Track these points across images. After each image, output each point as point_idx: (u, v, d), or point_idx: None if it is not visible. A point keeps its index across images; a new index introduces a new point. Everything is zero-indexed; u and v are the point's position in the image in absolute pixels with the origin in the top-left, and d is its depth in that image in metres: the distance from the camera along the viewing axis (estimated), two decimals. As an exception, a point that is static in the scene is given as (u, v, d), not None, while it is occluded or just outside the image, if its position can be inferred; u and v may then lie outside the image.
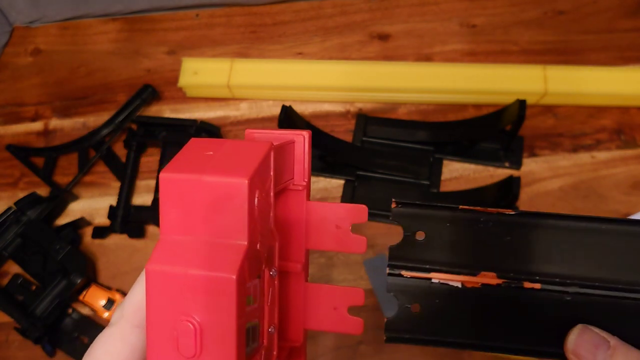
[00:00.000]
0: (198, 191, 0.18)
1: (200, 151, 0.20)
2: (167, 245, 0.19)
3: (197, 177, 0.18)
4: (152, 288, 0.18)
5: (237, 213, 0.18)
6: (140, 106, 0.60)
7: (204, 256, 0.18)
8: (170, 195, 0.19)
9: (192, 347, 0.18)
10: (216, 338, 0.18)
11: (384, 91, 0.58)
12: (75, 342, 0.51)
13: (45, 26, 0.68)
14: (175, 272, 0.18)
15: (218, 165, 0.19)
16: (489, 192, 0.51)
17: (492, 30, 0.62)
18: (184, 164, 0.19)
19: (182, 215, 0.18)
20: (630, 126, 0.56)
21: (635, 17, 0.61)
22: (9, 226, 0.54)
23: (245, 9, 0.66)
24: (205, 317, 0.18)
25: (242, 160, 0.19)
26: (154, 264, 0.18)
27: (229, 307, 0.17)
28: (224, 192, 0.18)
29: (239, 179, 0.18)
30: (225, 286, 0.17)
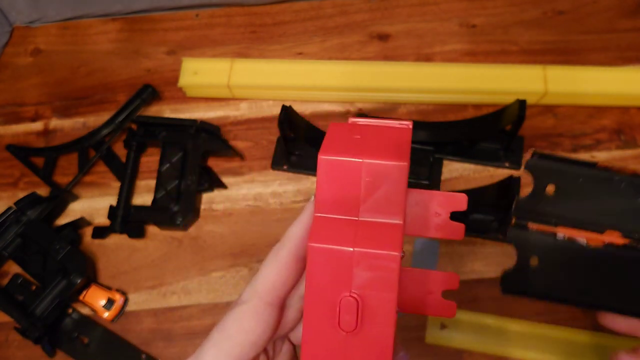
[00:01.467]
0: (357, 172, 0.19)
1: (347, 135, 0.20)
2: (326, 223, 0.19)
3: (357, 159, 0.19)
4: (314, 264, 0.19)
5: (395, 194, 0.19)
6: (140, 106, 0.60)
7: (365, 234, 0.19)
8: (328, 175, 0.19)
9: (353, 322, 0.18)
10: (376, 312, 0.18)
11: (384, 91, 0.58)
12: (75, 342, 0.51)
13: (45, 26, 0.68)
14: (339, 249, 0.18)
15: (372, 148, 0.19)
16: (489, 192, 0.51)
17: (492, 30, 0.62)
18: (338, 146, 0.20)
19: (339, 195, 0.19)
20: (630, 126, 0.56)
21: (635, 17, 0.61)
22: (9, 226, 0.54)
23: (245, 9, 0.66)
24: (368, 292, 0.18)
25: (393, 144, 0.20)
26: (316, 241, 0.19)
27: (391, 283, 0.18)
28: (384, 174, 0.19)
29: (399, 162, 0.19)
30: (389, 262, 0.18)
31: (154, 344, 0.51)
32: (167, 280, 0.54)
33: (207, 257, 0.54)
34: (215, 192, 0.57)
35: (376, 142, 0.20)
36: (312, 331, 0.19)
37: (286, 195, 0.56)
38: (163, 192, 0.56)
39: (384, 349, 0.18)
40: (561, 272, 0.25)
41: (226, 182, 0.57)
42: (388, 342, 0.19)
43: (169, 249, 0.55)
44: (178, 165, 0.56)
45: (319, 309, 0.19)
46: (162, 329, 0.52)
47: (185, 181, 0.55)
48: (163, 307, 0.53)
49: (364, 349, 0.19)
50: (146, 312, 0.53)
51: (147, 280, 0.54)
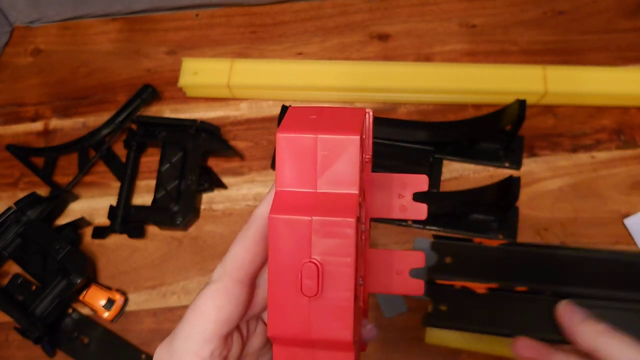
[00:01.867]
0: (312, 148, 0.20)
1: (304, 116, 0.22)
2: (286, 196, 0.21)
3: (312, 135, 0.20)
4: (275, 234, 0.20)
5: (350, 166, 0.20)
6: (140, 106, 0.60)
7: (323, 204, 0.20)
8: (287, 152, 0.21)
9: (315, 287, 0.20)
10: (336, 277, 0.20)
11: (384, 91, 0.58)
12: (75, 342, 0.51)
13: (45, 26, 0.68)
14: (299, 219, 0.20)
15: (327, 125, 0.21)
16: (488, 192, 0.51)
17: (492, 30, 0.62)
18: (295, 125, 0.21)
19: (297, 170, 0.21)
20: (630, 126, 0.56)
21: (634, 17, 0.61)
22: (9, 226, 0.54)
23: (245, 9, 0.66)
24: (327, 258, 0.20)
25: (347, 122, 0.21)
26: (276, 212, 0.20)
27: (348, 248, 0.20)
28: (338, 148, 0.20)
29: (352, 136, 0.20)
30: (346, 229, 0.19)
31: (154, 344, 0.51)
32: (167, 280, 0.54)
33: (207, 257, 0.54)
34: (215, 192, 0.57)
35: (331, 120, 0.22)
36: (276, 297, 0.20)
37: (286, 195, 0.56)
38: (163, 192, 0.56)
39: (345, 311, 0.20)
40: (461, 311, 0.37)
41: (226, 182, 0.57)
42: (349, 305, 0.20)
43: (169, 249, 0.55)
44: (178, 165, 0.56)
45: (282, 276, 0.20)
46: (162, 329, 0.52)
47: (185, 181, 0.55)
48: (163, 307, 0.53)
49: (325, 312, 0.20)
50: (146, 312, 0.53)
51: (147, 280, 0.54)
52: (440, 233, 0.52)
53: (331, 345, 0.21)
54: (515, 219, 0.52)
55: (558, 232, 0.51)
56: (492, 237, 0.51)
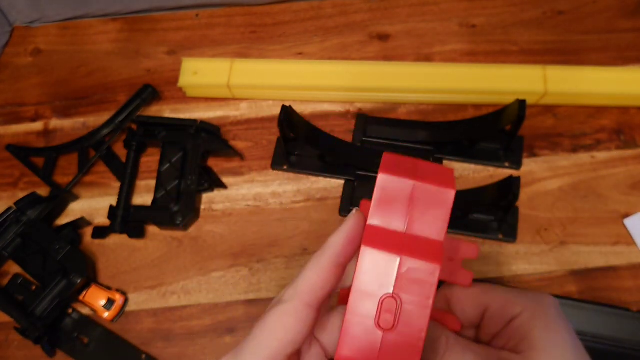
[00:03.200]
0: (408, 192, 0.22)
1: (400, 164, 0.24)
2: (377, 231, 0.22)
3: (412, 181, 0.22)
4: (364, 265, 0.22)
5: (442, 215, 0.22)
6: (140, 106, 0.60)
7: (411, 246, 0.22)
8: (385, 191, 0.23)
9: (391, 321, 0.21)
10: (413, 316, 0.21)
11: (384, 91, 0.58)
12: (75, 342, 0.51)
13: (45, 26, 0.68)
14: (389, 255, 0.21)
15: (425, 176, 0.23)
16: (488, 192, 0.51)
17: (492, 30, 0.62)
18: (394, 169, 0.23)
19: (391, 210, 0.22)
20: (630, 126, 0.56)
21: (634, 17, 0.61)
22: (9, 226, 0.54)
23: (245, 9, 0.66)
24: (408, 297, 0.21)
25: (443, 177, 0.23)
26: (369, 244, 0.22)
27: (429, 291, 0.21)
28: (434, 198, 0.22)
29: (449, 190, 0.22)
30: (430, 273, 0.21)
31: (154, 344, 0.51)
32: (167, 280, 0.54)
33: (207, 257, 0.54)
34: (215, 192, 0.57)
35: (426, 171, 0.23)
36: (352, 323, 0.22)
37: (286, 195, 0.56)
38: (163, 192, 0.56)
39: (414, 350, 0.21)
40: None
41: (226, 182, 0.57)
42: (419, 344, 0.21)
43: (169, 249, 0.55)
44: (178, 165, 0.56)
45: (362, 304, 0.21)
46: (162, 329, 0.52)
47: (185, 181, 0.55)
48: (163, 307, 0.53)
49: (396, 347, 0.21)
50: (146, 312, 0.53)
51: (147, 280, 0.54)
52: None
53: None
54: (515, 219, 0.52)
55: (558, 232, 0.51)
56: (493, 237, 0.51)
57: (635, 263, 0.50)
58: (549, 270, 0.50)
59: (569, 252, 0.51)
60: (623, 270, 0.49)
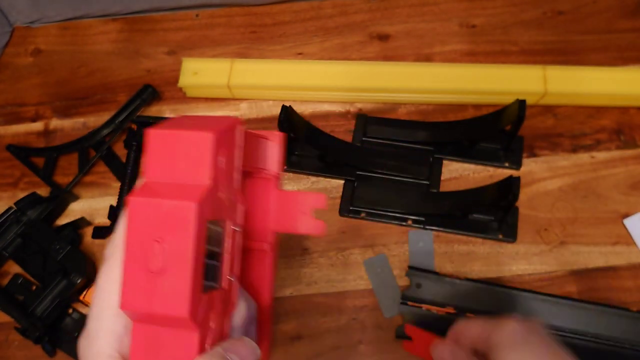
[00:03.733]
0: (174, 144, 0.23)
1: (183, 120, 0.25)
2: (147, 185, 0.23)
3: (174, 132, 0.23)
4: (131, 215, 0.22)
5: (203, 160, 0.23)
6: (141, 106, 0.60)
7: (174, 191, 0.22)
8: (153, 146, 0.24)
9: (158, 264, 0.21)
10: (176, 257, 0.21)
11: (384, 91, 0.58)
12: (75, 342, 0.51)
13: (45, 26, 0.68)
14: (150, 202, 0.22)
15: (193, 126, 0.24)
16: (488, 192, 0.51)
17: (492, 30, 0.62)
18: (167, 125, 0.24)
19: (160, 163, 0.23)
20: (630, 126, 0.56)
21: (634, 17, 0.61)
22: (9, 226, 0.54)
23: (245, 9, 0.66)
24: (170, 238, 0.22)
25: (212, 125, 0.24)
26: (135, 196, 0.22)
27: (189, 230, 0.21)
28: (194, 145, 0.23)
29: (205, 133, 0.23)
30: (188, 212, 0.21)
31: (154, 343, 0.51)
32: (167, 280, 0.54)
33: (207, 257, 0.54)
34: (215, 192, 0.57)
35: (201, 123, 0.24)
36: (128, 273, 0.22)
37: (286, 195, 0.56)
38: (163, 192, 0.56)
39: (183, 289, 0.21)
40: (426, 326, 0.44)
41: (226, 182, 0.57)
42: (187, 282, 0.21)
43: (169, 249, 0.55)
44: (178, 165, 0.56)
45: (134, 253, 0.22)
46: (162, 328, 0.52)
47: (185, 181, 0.55)
48: (163, 307, 0.52)
49: (167, 288, 0.22)
50: (146, 312, 0.52)
51: (147, 280, 0.54)
52: (441, 233, 0.52)
53: (174, 322, 0.22)
54: (515, 219, 0.52)
55: (558, 232, 0.51)
56: (492, 237, 0.51)
57: (635, 263, 0.50)
58: (548, 270, 0.50)
59: (568, 252, 0.51)
60: (623, 270, 0.49)
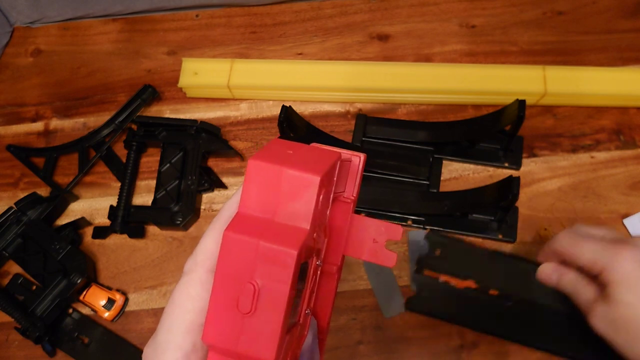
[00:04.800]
0: (278, 179, 0.22)
1: (282, 149, 0.24)
2: (244, 218, 0.22)
3: (279, 167, 0.22)
4: (225, 251, 0.22)
5: (306, 203, 0.22)
6: (141, 106, 0.60)
7: (273, 232, 0.22)
8: (254, 178, 0.22)
9: (249, 305, 0.21)
10: (270, 301, 0.21)
11: (384, 91, 0.58)
12: (76, 342, 0.51)
13: (45, 27, 0.68)
14: (248, 241, 0.21)
15: (297, 162, 0.23)
16: (488, 193, 0.51)
17: (492, 30, 0.62)
18: (269, 155, 0.23)
19: (260, 197, 0.22)
20: (630, 127, 0.56)
21: (634, 17, 0.61)
22: (9, 226, 0.54)
23: (245, 9, 0.66)
24: (265, 282, 0.21)
25: (316, 162, 0.23)
26: (231, 231, 0.21)
27: (286, 277, 0.21)
28: (299, 184, 0.22)
29: (313, 176, 0.22)
30: (287, 259, 0.21)
31: (154, 343, 0.51)
32: (167, 280, 0.54)
33: (207, 257, 0.54)
34: (215, 192, 0.57)
35: (303, 158, 0.23)
36: (216, 307, 0.22)
37: (286, 195, 0.56)
38: (163, 192, 0.56)
39: (272, 334, 0.21)
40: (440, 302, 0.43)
41: (226, 182, 0.57)
42: (276, 328, 0.21)
43: (169, 249, 0.55)
44: (178, 165, 0.56)
45: (224, 289, 0.22)
46: (162, 328, 0.52)
47: (185, 181, 0.55)
48: (163, 307, 0.52)
49: (255, 331, 0.21)
50: (146, 312, 0.53)
51: (147, 280, 0.54)
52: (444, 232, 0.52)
53: None
54: (515, 219, 0.52)
55: (558, 232, 0.51)
56: (492, 237, 0.51)
57: (635, 263, 0.50)
58: (548, 270, 0.50)
59: (568, 252, 0.51)
60: (622, 270, 0.49)
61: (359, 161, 0.27)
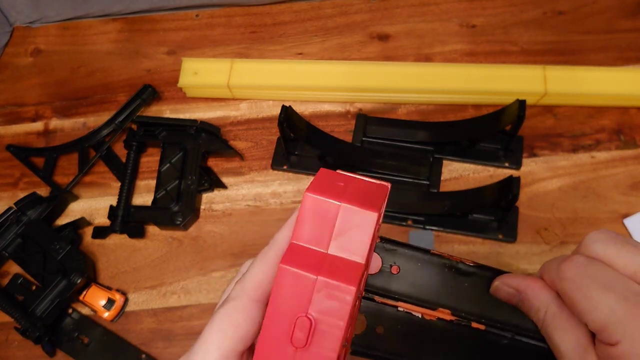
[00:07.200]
0: (334, 213, 0.22)
1: (332, 180, 0.24)
2: (299, 250, 0.22)
3: (337, 202, 0.22)
4: (280, 282, 0.21)
5: (363, 237, 0.22)
6: (140, 106, 0.60)
7: (330, 266, 0.22)
8: (310, 211, 0.23)
9: (304, 340, 0.21)
10: (325, 336, 0.21)
11: (384, 91, 0.58)
12: (75, 342, 0.51)
13: (45, 26, 0.68)
14: (305, 275, 0.21)
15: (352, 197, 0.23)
16: (488, 193, 0.51)
17: (492, 30, 0.62)
18: (323, 188, 0.23)
19: (315, 230, 0.23)
20: (630, 126, 0.56)
21: (634, 17, 0.61)
22: (9, 226, 0.54)
23: (245, 9, 0.66)
24: (322, 317, 0.21)
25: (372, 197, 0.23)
26: (286, 263, 0.22)
27: (343, 312, 0.21)
28: (356, 219, 0.22)
29: (372, 212, 0.22)
30: (345, 294, 0.21)
31: (153, 344, 0.51)
32: (167, 280, 0.54)
33: (207, 257, 0.54)
34: (215, 192, 0.57)
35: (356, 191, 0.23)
36: (267, 340, 0.22)
37: (286, 195, 0.56)
38: (163, 192, 0.56)
39: None
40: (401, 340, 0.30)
41: (226, 182, 0.57)
42: None
43: (169, 249, 0.55)
44: (178, 165, 0.56)
45: (277, 322, 0.22)
46: (162, 329, 0.52)
47: (185, 181, 0.55)
48: (163, 307, 0.53)
49: None
50: (146, 312, 0.53)
51: (147, 280, 0.54)
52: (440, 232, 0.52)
53: None
54: (515, 219, 0.52)
55: (558, 232, 0.51)
56: (492, 237, 0.51)
57: (635, 263, 0.50)
58: (548, 270, 0.50)
59: (569, 251, 0.50)
60: (623, 270, 0.49)
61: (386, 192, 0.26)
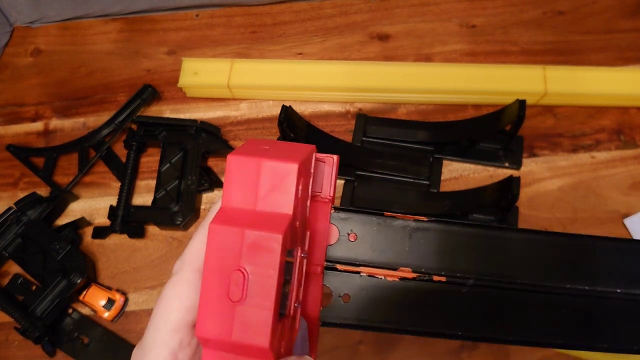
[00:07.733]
0: (257, 171, 0.23)
1: (258, 145, 0.25)
2: (228, 211, 0.23)
3: (258, 159, 0.23)
4: (212, 243, 0.22)
5: (287, 190, 0.23)
6: (140, 106, 0.60)
7: (257, 220, 0.22)
8: (234, 172, 0.23)
9: (239, 293, 0.21)
10: (260, 287, 0.21)
11: (384, 91, 0.58)
12: (75, 342, 0.51)
13: (45, 26, 0.68)
14: (233, 230, 0.22)
15: (274, 154, 0.24)
16: (488, 193, 0.51)
17: (492, 30, 0.62)
18: (246, 151, 0.24)
19: (242, 190, 0.23)
20: (630, 126, 0.56)
21: (634, 17, 0.61)
22: (9, 226, 0.54)
23: (245, 9, 0.66)
24: (254, 268, 0.21)
25: (292, 154, 0.24)
26: (216, 223, 0.22)
27: (274, 261, 0.21)
28: (278, 173, 0.23)
29: (291, 164, 0.23)
30: (273, 243, 0.21)
31: (154, 344, 0.51)
32: (167, 280, 0.53)
33: (207, 257, 0.54)
34: (215, 192, 0.57)
35: (279, 151, 0.24)
36: (206, 300, 0.22)
37: (286, 195, 0.56)
38: (163, 192, 0.56)
39: (264, 319, 0.21)
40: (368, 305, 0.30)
41: (226, 182, 0.57)
42: (268, 314, 0.21)
43: (169, 249, 0.55)
44: (178, 165, 0.56)
45: (214, 281, 0.22)
46: (162, 329, 0.52)
47: (185, 181, 0.55)
48: (163, 307, 0.52)
49: (247, 318, 0.22)
50: (146, 312, 0.53)
51: (147, 280, 0.54)
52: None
53: (251, 352, 0.22)
54: (515, 219, 0.52)
55: (558, 232, 0.51)
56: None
57: (635, 263, 0.50)
58: (548, 270, 0.50)
59: (568, 252, 0.51)
60: (623, 270, 0.49)
61: (332, 162, 0.28)
